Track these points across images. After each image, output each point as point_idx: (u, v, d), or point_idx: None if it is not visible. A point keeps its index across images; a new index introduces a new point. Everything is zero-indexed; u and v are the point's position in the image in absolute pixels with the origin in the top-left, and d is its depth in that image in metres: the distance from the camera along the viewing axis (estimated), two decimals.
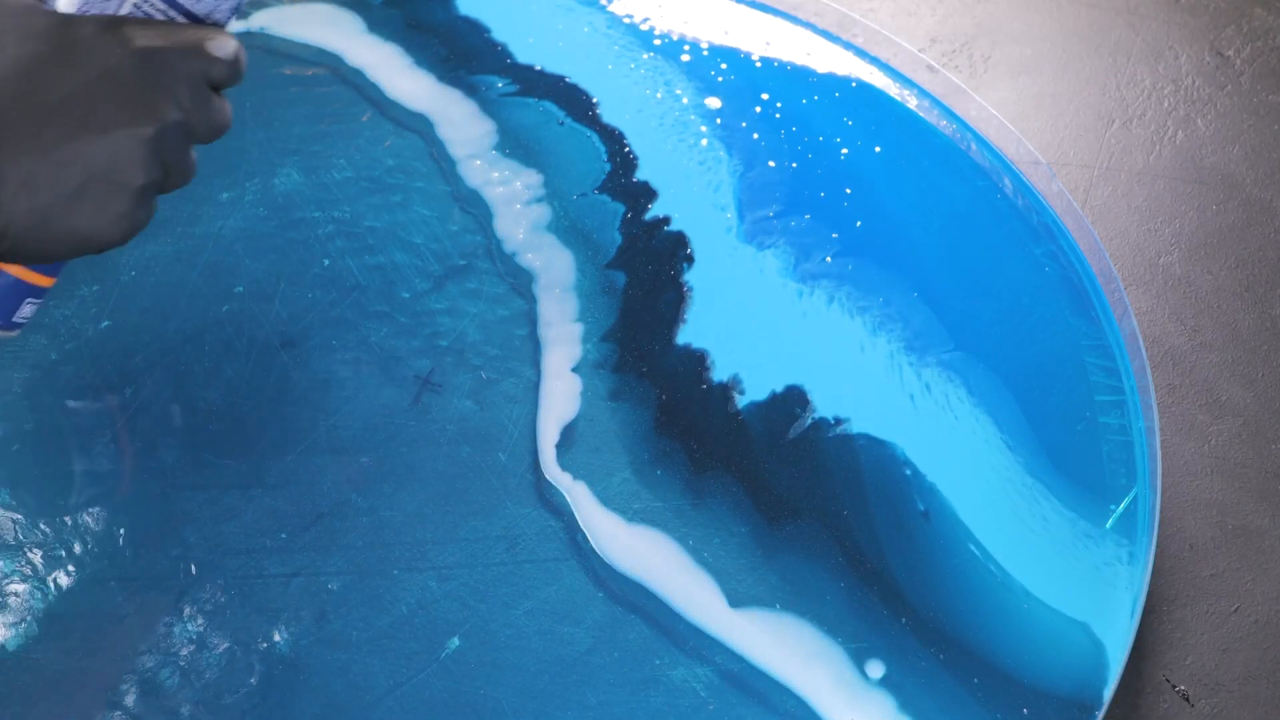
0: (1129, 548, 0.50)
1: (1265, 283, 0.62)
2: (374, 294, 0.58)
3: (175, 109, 0.39)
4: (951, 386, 0.55)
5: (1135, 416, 0.54)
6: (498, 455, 0.53)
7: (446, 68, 0.68)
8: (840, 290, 0.58)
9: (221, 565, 0.49)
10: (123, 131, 0.38)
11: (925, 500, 0.51)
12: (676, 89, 0.67)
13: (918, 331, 0.57)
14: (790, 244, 0.60)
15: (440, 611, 0.48)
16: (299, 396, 0.55)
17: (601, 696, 0.46)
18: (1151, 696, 0.49)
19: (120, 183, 0.38)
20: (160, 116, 0.39)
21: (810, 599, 0.49)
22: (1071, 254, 0.60)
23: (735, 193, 0.62)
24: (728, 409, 0.54)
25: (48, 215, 0.37)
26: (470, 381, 0.55)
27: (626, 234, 0.61)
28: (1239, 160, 0.68)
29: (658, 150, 0.64)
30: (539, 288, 0.59)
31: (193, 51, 0.40)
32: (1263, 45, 0.73)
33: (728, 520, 0.51)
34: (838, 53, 0.69)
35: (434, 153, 0.64)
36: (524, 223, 0.61)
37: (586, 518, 0.51)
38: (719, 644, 0.48)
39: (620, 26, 0.70)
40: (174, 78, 0.39)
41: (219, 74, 0.41)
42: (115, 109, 0.38)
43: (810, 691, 0.46)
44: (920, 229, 0.61)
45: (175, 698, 0.46)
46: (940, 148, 0.65)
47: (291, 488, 0.52)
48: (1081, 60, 0.73)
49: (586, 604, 0.49)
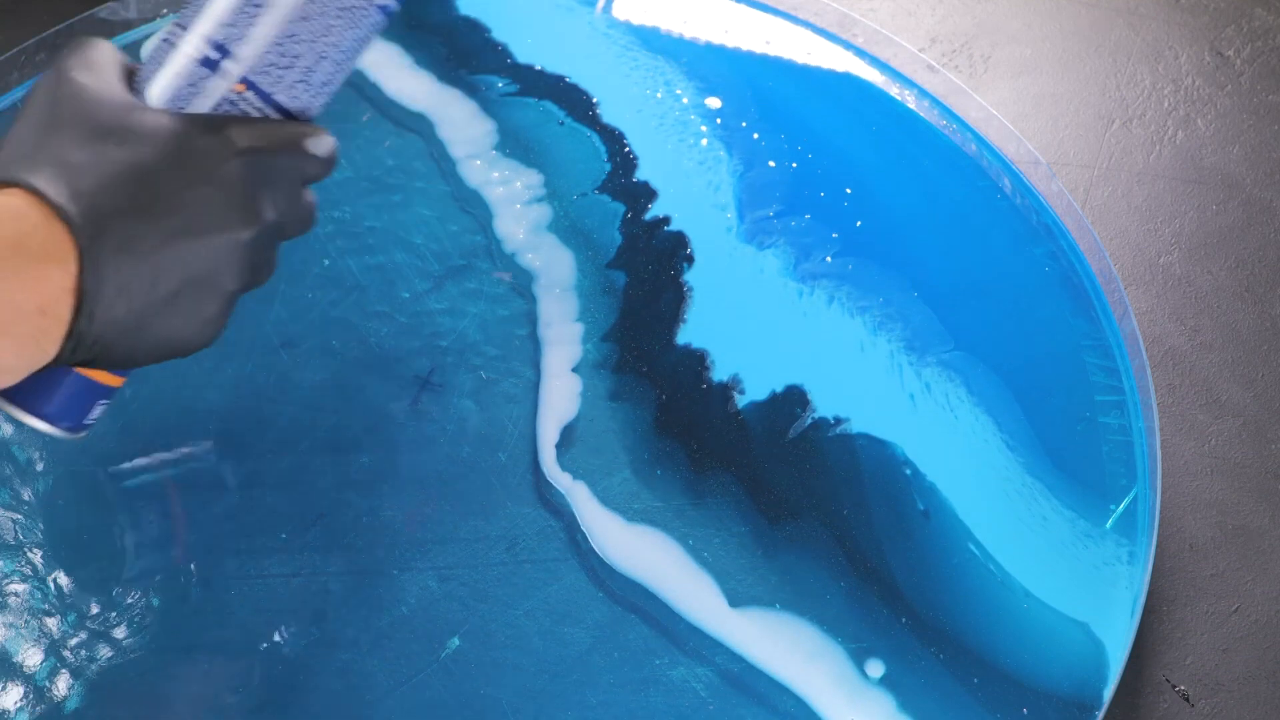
0: (1129, 547, 0.50)
1: (1265, 283, 0.62)
2: (374, 294, 0.58)
3: (271, 210, 0.38)
4: (952, 386, 0.55)
5: (1135, 416, 0.54)
6: (498, 455, 0.53)
7: (446, 67, 0.68)
8: (840, 290, 0.58)
9: (221, 565, 0.49)
10: (223, 236, 0.36)
11: (925, 500, 0.51)
12: (676, 89, 0.67)
13: (917, 331, 0.57)
14: (790, 244, 0.60)
15: (440, 611, 0.48)
16: (299, 396, 0.55)
17: (601, 696, 0.46)
18: (1151, 696, 0.49)
19: (215, 287, 0.37)
20: (259, 220, 0.37)
21: (810, 599, 0.49)
22: (1071, 254, 0.60)
23: (735, 193, 0.62)
24: (728, 409, 0.54)
25: (141, 321, 0.36)
26: (470, 381, 0.55)
27: (626, 234, 0.61)
28: (1239, 160, 0.68)
29: (658, 150, 0.64)
30: (539, 288, 0.59)
31: (293, 151, 0.38)
32: (1263, 45, 0.73)
33: (728, 520, 0.51)
34: (838, 53, 0.69)
35: (434, 153, 0.64)
36: (524, 223, 0.61)
37: (586, 518, 0.51)
38: (719, 644, 0.48)
39: (620, 26, 0.70)
40: (273, 179, 0.38)
41: (315, 172, 0.39)
42: (216, 213, 0.36)
43: (810, 691, 0.46)
44: (920, 229, 0.61)
45: (175, 697, 0.46)
46: (940, 148, 0.65)
47: (291, 488, 0.52)
48: (1081, 60, 0.73)
49: (586, 604, 0.49)
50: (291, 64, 0.39)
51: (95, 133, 0.36)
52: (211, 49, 0.38)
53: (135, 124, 0.36)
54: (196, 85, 0.38)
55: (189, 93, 0.38)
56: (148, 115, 0.36)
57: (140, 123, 0.36)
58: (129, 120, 0.36)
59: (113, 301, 0.35)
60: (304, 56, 0.39)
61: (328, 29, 0.39)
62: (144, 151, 0.36)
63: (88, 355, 0.36)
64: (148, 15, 0.70)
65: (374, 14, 0.40)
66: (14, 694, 0.46)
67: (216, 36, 0.38)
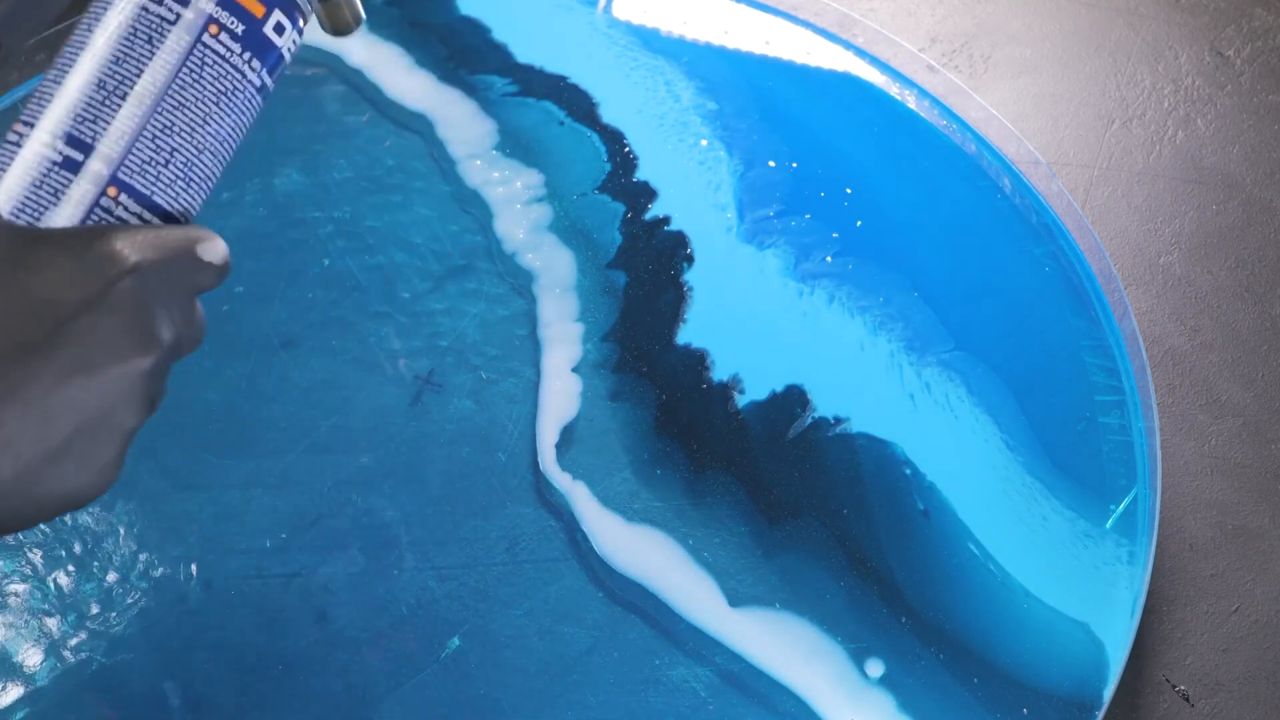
0: (1129, 547, 0.50)
1: (1265, 283, 0.62)
2: (374, 294, 0.58)
3: (169, 329, 0.32)
4: (952, 386, 0.55)
5: (1135, 416, 0.54)
6: (498, 455, 0.53)
7: (447, 67, 0.68)
8: (840, 290, 0.58)
9: (221, 565, 0.49)
10: (120, 368, 0.31)
11: (925, 499, 0.51)
12: (677, 89, 0.67)
13: (918, 331, 0.57)
14: (790, 244, 0.60)
15: (440, 611, 0.48)
16: (299, 396, 0.55)
17: (601, 696, 0.46)
18: (1151, 696, 0.49)
19: (113, 427, 0.31)
20: (158, 344, 0.32)
21: (810, 599, 0.49)
22: (1071, 254, 0.60)
23: (735, 193, 0.62)
24: (728, 409, 0.54)
25: (30, 478, 0.30)
26: (470, 381, 0.55)
27: (626, 234, 0.61)
28: (1239, 160, 0.68)
29: (658, 150, 0.64)
30: (539, 288, 0.59)
31: (185, 260, 0.33)
32: (1263, 45, 0.73)
33: (728, 520, 0.51)
34: (838, 53, 0.69)
35: (434, 153, 0.64)
36: (524, 223, 0.61)
37: (586, 518, 0.51)
38: (719, 644, 0.48)
39: (620, 26, 0.70)
40: (168, 295, 0.32)
41: (208, 282, 0.33)
42: (112, 342, 0.31)
43: (810, 691, 0.46)
44: (920, 229, 0.61)
45: (175, 698, 0.46)
46: (940, 148, 0.65)
47: (291, 488, 0.52)
48: (1081, 60, 0.73)
49: (586, 604, 0.49)
50: (168, 159, 0.34)
51: None
52: (70, 148, 0.32)
53: (4, 249, 0.30)
54: (59, 193, 0.32)
55: (50, 202, 0.32)
56: (16, 236, 0.31)
57: (9, 246, 0.30)
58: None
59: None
60: (182, 150, 0.34)
61: (206, 117, 0.34)
62: (20, 279, 0.30)
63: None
64: None
65: (254, 97, 0.35)
66: (14, 694, 0.46)
67: (74, 132, 0.32)
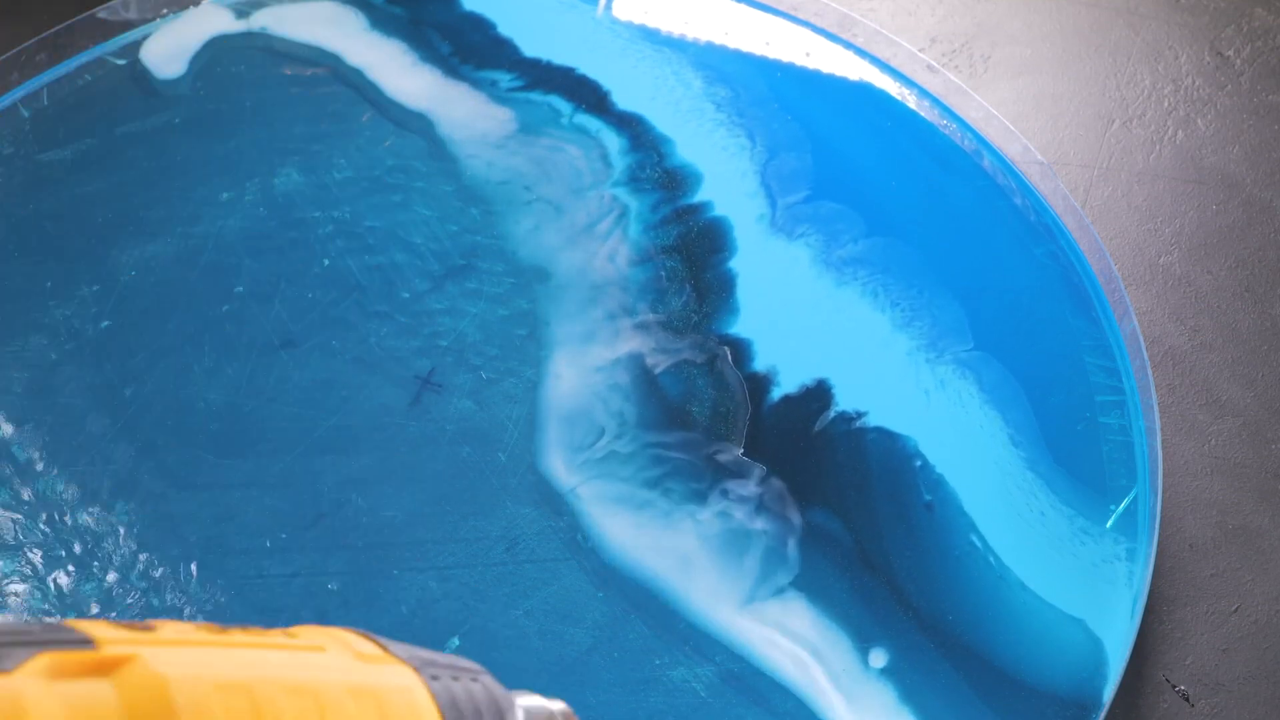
0: (1129, 547, 0.50)
1: (1265, 283, 0.62)
2: (374, 294, 0.58)
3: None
4: (964, 384, 0.55)
5: (1135, 416, 0.54)
6: (498, 455, 0.53)
7: (449, 64, 0.68)
8: (841, 289, 0.58)
9: (221, 565, 0.49)
10: None
11: (931, 492, 0.51)
12: (676, 89, 0.67)
13: (917, 331, 0.57)
14: (790, 244, 0.60)
15: (440, 611, 0.48)
16: (299, 396, 0.55)
17: (601, 696, 0.46)
18: (1151, 696, 0.49)
19: None
20: None
21: (811, 596, 0.49)
22: (1071, 254, 0.60)
23: (735, 192, 0.62)
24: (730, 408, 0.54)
25: None
26: (470, 381, 0.55)
27: (628, 231, 0.61)
28: (1239, 160, 0.68)
29: (658, 150, 0.64)
30: (539, 287, 0.59)
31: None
32: (1263, 45, 0.73)
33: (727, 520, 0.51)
34: (838, 52, 0.69)
35: (435, 152, 0.64)
36: (524, 221, 0.61)
37: (587, 518, 0.51)
38: (719, 644, 0.48)
39: (620, 26, 0.70)
40: None
41: None
42: None
43: (810, 690, 0.46)
44: (920, 229, 0.61)
45: None
46: (940, 148, 0.65)
47: (291, 488, 0.52)
48: (1081, 60, 0.73)
49: (586, 604, 0.49)
50: None
51: None
52: None
53: None
54: None
55: None
56: None
57: None
58: None
59: None
60: None
61: None
62: None
63: None
64: (148, 15, 0.70)
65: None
66: None
67: None
